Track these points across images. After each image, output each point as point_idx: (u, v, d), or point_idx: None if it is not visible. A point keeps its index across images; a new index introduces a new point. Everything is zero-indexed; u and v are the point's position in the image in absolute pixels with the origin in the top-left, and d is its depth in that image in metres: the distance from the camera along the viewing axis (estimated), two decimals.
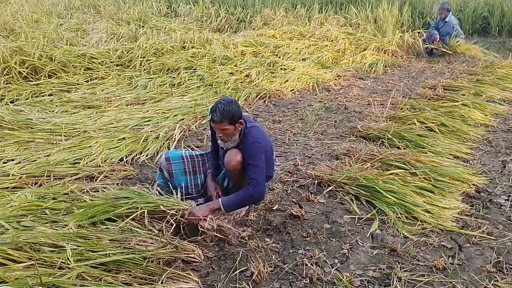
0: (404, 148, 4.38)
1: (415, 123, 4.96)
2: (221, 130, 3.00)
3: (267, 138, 3.30)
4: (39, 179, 3.56)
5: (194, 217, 2.83)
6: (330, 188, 3.61)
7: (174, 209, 2.87)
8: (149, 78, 6.57)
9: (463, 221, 3.24)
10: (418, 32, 10.08)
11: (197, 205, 2.99)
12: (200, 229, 2.83)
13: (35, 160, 3.92)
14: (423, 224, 3.15)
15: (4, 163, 3.86)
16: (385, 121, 5.15)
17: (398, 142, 4.50)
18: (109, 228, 2.81)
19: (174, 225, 2.81)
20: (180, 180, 3.35)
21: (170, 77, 6.72)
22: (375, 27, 10.17)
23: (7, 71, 5.89)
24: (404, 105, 5.67)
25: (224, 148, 3.17)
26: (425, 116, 5.13)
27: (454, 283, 2.57)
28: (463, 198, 3.57)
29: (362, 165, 3.93)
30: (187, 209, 2.89)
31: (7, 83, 5.77)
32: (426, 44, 9.55)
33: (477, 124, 5.26)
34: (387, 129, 4.72)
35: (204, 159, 3.43)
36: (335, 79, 7.46)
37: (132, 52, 7.26)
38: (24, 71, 6.05)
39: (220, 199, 2.98)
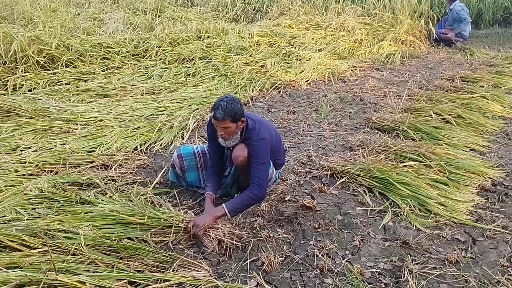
0: (419, 140, 4.33)
1: (431, 115, 4.90)
2: (222, 128, 2.94)
3: (272, 130, 3.23)
4: (55, 167, 3.61)
5: (199, 228, 2.74)
6: (343, 179, 3.59)
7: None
8: (164, 68, 6.59)
9: (477, 214, 3.21)
10: (430, 21, 9.92)
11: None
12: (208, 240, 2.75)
13: (51, 148, 3.97)
14: (436, 217, 3.13)
15: (21, 150, 3.92)
16: (400, 113, 5.09)
17: (413, 134, 4.46)
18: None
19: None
20: (192, 176, 3.37)
21: (185, 67, 6.73)
22: (393, 17, 10.02)
23: (25, 60, 5.96)
24: (421, 96, 5.61)
25: (231, 148, 3.13)
26: (441, 108, 5.07)
27: (466, 276, 2.55)
28: (478, 191, 3.53)
29: (376, 156, 3.90)
30: (189, 221, 2.82)
31: (25, 72, 5.84)
32: (439, 34, 9.51)
33: (495, 117, 5.18)
34: (403, 121, 4.68)
35: None
36: (351, 70, 7.39)
37: (148, 42, 7.28)
38: (41, 60, 6.12)
39: (223, 204, 2.91)
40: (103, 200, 3.06)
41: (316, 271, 2.57)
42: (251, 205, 3.05)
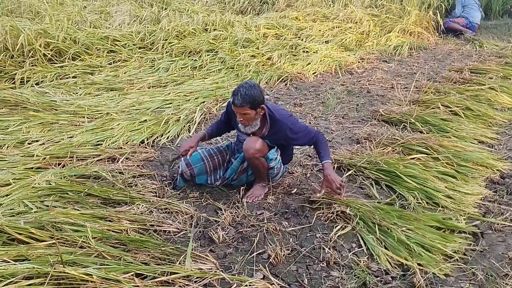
0: (427, 133, 4.31)
1: (439, 107, 4.87)
2: (241, 114, 2.97)
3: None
4: (62, 160, 3.62)
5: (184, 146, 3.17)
6: (350, 172, 3.58)
7: None
8: (171, 61, 6.58)
9: (485, 207, 3.19)
10: (438, 12, 9.83)
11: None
12: None
13: (59, 141, 3.99)
14: (444, 210, 3.11)
15: (28, 144, 3.94)
16: (408, 105, 5.06)
17: (421, 126, 4.43)
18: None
19: None
20: (201, 179, 3.37)
21: (192, 59, 6.72)
22: (401, 8, 9.93)
23: (32, 54, 5.98)
24: (429, 88, 5.56)
25: (245, 133, 3.16)
26: (450, 100, 5.03)
27: (474, 269, 2.53)
28: (486, 184, 3.51)
29: (383, 149, 3.89)
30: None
31: (32, 65, 5.86)
32: (449, 23, 9.45)
33: (504, 108, 5.14)
34: (410, 113, 4.65)
35: (223, 155, 3.43)
36: (358, 62, 7.34)
37: (154, 35, 7.27)
38: (48, 54, 6.13)
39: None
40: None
41: (323, 263, 2.57)
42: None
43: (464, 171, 3.62)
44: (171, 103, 5.08)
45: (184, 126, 4.50)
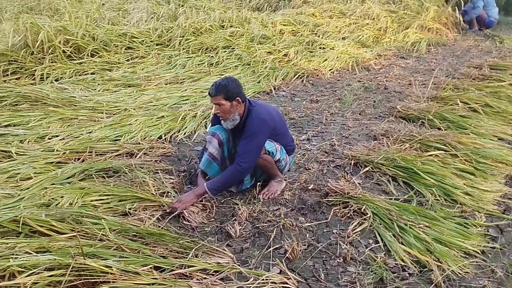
0: (445, 129, 4.27)
1: (458, 104, 4.81)
2: (217, 106, 3.00)
3: (275, 115, 3.22)
4: (82, 155, 3.67)
5: (179, 205, 2.88)
6: (366, 168, 3.56)
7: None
8: (188, 57, 6.62)
9: (505, 204, 3.16)
10: (457, 8, 9.70)
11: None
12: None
13: (78, 137, 4.04)
14: (462, 207, 3.08)
15: (49, 139, 4.00)
16: (426, 102, 5.01)
17: (439, 123, 4.39)
18: None
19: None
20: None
21: (209, 56, 6.75)
22: (419, 4, 9.82)
23: (52, 50, 6.06)
24: (447, 85, 5.50)
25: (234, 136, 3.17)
26: (468, 97, 4.97)
27: (493, 266, 2.51)
28: (506, 181, 3.47)
29: (400, 146, 3.86)
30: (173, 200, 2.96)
31: (52, 62, 5.93)
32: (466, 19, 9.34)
33: None
34: (428, 110, 4.60)
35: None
36: (376, 58, 7.29)
37: (171, 32, 7.31)
38: (68, 50, 6.21)
39: (205, 183, 2.99)
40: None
41: (339, 259, 2.57)
42: (233, 183, 3.12)
43: (483, 168, 3.58)
44: (188, 99, 5.12)
45: (201, 122, 4.52)
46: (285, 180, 3.37)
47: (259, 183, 3.27)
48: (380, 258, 2.55)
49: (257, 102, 3.22)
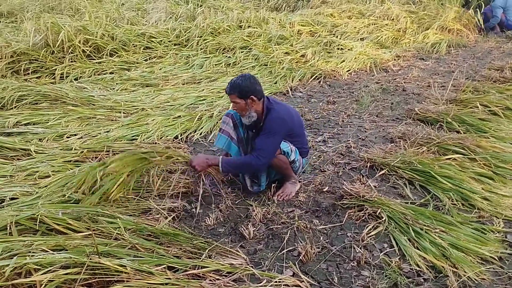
0: (464, 133, 4.20)
1: (478, 107, 4.73)
2: (233, 103, 3.10)
3: (294, 116, 3.26)
4: (99, 154, 3.72)
5: (195, 164, 3.04)
6: (383, 171, 3.53)
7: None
8: (205, 58, 6.65)
9: None
10: (478, 10, 9.54)
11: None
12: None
13: (96, 136, 4.10)
14: (480, 212, 3.03)
15: (67, 137, 4.06)
16: (445, 104, 4.94)
17: (458, 126, 4.32)
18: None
19: None
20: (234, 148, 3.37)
21: (226, 56, 6.77)
22: (439, 4, 9.69)
23: (71, 50, 6.15)
24: (467, 87, 5.42)
25: (252, 131, 3.25)
26: (489, 99, 4.88)
27: (510, 273, 2.46)
28: None
29: (417, 149, 3.81)
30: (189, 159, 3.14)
31: (71, 61, 6.02)
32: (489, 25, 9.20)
33: None
34: (447, 112, 4.54)
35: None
36: (394, 60, 7.23)
37: (189, 32, 7.35)
38: (87, 50, 6.29)
39: (221, 157, 3.11)
40: None
41: (353, 263, 2.55)
42: (244, 169, 3.19)
43: (502, 173, 3.51)
44: (204, 100, 5.14)
45: (217, 122, 4.54)
46: (299, 181, 3.36)
47: (274, 185, 3.26)
48: (395, 263, 2.53)
49: (277, 101, 3.25)
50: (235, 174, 3.40)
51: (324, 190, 3.29)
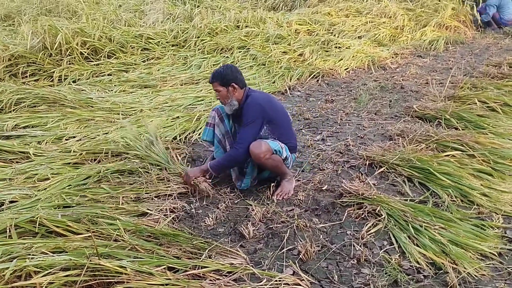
0: (462, 129, 4.20)
1: (476, 103, 4.73)
2: (216, 92, 3.25)
3: (277, 105, 3.34)
4: (98, 156, 3.72)
5: (188, 176, 3.18)
6: (381, 169, 3.53)
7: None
8: (203, 58, 6.66)
9: None
10: (474, 5, 9.56)
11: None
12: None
13: (95, 138, 4.10)
14: (479, 208, 3.03)
15: (66, 140, 4.06)
16: (443, 101, 4.95)
17: (456, 122, 4.32)
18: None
19: None
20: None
21: (224, 56, 6.78)
22: (437, 1, 9.70)
23: (69, 52, 6.15)
24: (465, 84, 5.42)
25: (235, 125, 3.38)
26: (487, 96, 4.88)
27: (510, 269, 2.46)
28: None
29: (416, 146, 3.82)
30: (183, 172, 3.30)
31: (69, 64, 6.03)
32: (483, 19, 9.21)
33: None
34: (445, 109, 4.54)
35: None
36: (392, 57, 7.23)
37: (187, 32, 7.36)
38: (85, 52, 6.30)
39: (209, 162, 3.24)
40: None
41: (353, 260, 2.55)
42: (230, 164, 3.27)
43: (501, 169, 3.51)
44: (203, 100, 5.15)
45: None
46: (298, 180, 3.36)
47: (272, 184, 3.26)
48: (395, 260, 2.53)
49: (258, 91, 3.37)
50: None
51: (323, 188, 3.30)
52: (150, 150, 3.63)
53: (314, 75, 6.20)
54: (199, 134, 4.31)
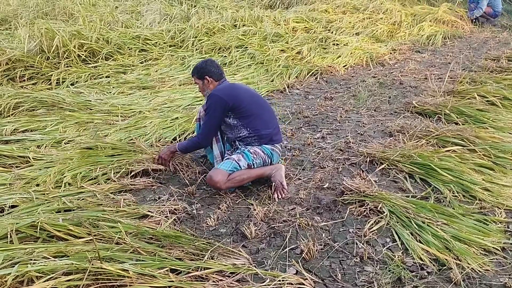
0: (462, 124, 4.20)
1: (475, 97, 4.73)
2: (196, 85, 3.54)
3: (243, 93, 3.38)
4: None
5: (160, 156, 3.51)
6: (382, 166, 3.52)
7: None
8: (201, 58, 6.62)
9: None
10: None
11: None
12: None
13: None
14: (481, 203, 3.03)
15: (65, 143, 4.04)
16: (442, 96, 4.94)
17: (456, 117, 4.32)
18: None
19: None
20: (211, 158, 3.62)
21: (222, 56, 6.76)
22: None
23: (67, 55, 6.12)
24: (464, 78, 5.41)
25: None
26: (486, 90, 4.88)
27: None
28: None
29: (416, 142, 3.81)
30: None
31: (67, 66, 6.00)
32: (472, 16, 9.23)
33: None
34: (445, 104, 4.53)
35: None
36: (390, 53, 7.22)
37: (184, 33, 7.34)
38: (82, 54, 6.27)
39: (178, 144, 3.51)
40: None
41: (356, 258, 2.54)
42: (194, 148, 3.55)
43: (502, 163, 3.51)
44: (202, 100, 5.12)
45: None
46: (299, 179, 3.34)
47: (273, 184, 3.25)
48: (398, 257, 2.52)
49: (230, 83, 3.53)
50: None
51: (325, 186, 3.29)
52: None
53: (313, 73, 6.19)
54: None
